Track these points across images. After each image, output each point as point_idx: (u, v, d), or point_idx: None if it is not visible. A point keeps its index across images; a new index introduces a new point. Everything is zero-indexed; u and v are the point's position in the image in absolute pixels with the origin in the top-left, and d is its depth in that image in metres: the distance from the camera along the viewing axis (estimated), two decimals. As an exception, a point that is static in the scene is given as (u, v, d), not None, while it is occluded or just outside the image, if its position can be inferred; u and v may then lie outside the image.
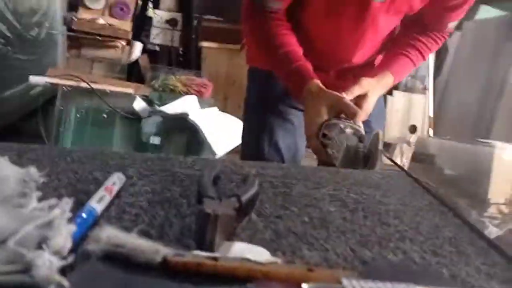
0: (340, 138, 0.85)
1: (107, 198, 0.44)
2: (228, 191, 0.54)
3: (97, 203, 0.42)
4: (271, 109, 1.15)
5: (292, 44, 1.01)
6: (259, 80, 1.19)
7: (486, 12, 3.41)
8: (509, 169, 1.17)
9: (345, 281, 0.32)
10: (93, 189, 0.47)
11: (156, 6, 3.08)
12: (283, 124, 1.14)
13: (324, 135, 0.88)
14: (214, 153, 2.13)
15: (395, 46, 1.10)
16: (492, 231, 0.66)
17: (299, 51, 1.01)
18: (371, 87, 0.98)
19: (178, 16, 2.98)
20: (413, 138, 3.14)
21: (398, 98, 3.32)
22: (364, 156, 0.82)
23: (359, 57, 1.09)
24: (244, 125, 1.23)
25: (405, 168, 0.93)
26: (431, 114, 3.26)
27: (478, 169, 1.07)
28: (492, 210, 0.82)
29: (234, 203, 0.46)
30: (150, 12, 3.22)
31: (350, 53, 1.07)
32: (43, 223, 0.33)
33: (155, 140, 2.29)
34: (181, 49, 3.09)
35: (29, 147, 0.61)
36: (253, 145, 1.18)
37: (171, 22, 2.96)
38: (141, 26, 3.28)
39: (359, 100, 0.98)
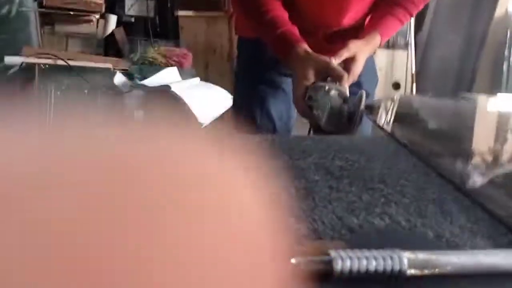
0: (324, 99, 0.87)
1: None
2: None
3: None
4: (261, 78, 1.15)
5: (278, 9, 1.01)
6: (248, 49, 1.18)
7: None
8: (492, 120, 1.20)
9: (332, 253, 0.33)
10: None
11: (128, -24, 2.99)
12: (274, 93, 1.15)
13: (310, 98, 0.90)
14: (200, 123, 2.12)
15: (382, 6, 1.09)
16: (477, 181, 0.68)
17: (285, 15, 1.01)
18: (359, 50, 0.99)
19: (152, -15, 2.90)
20: (397, 95, 3.15)
21: (381, 56, 3.32)
22: (348, 116, 0.85)
23: (347, 20, 1.08)
24: (234, 96, 1.23)
25: (389, 126, 0.94)
26: (413, 70, 3.27)
27: (462, 123, 1.08)
28: (476, 160, 0.84)
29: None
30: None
31: (337, 16, 1.07)
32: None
33: (139, 114, 2.27)
34: (157, 19, 3.02)
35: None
36: (245, 114, 1.18)
37: (146, -9, 2.88)
38: (115, -3, 3.19)
39: (348, 63, 0.99)
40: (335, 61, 0.95)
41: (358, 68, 0.98)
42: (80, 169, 0.12)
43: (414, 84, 3.25)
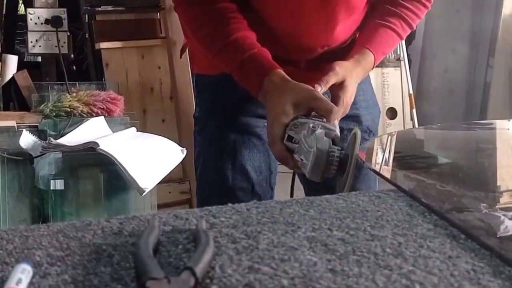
0: (309, 140, 0.86)
1: (14, 307, 0.43)
2: (176, 262, 0.54)
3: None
4: (230, 124, 1.16)
5: (243, 29, 1.03)
6: (210, 88, 1.20)
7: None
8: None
9: None
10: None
11: (29, 4, 3.00)
12: (248, 141, 1.16)
13: (290, 138, 0.90)
14: (141, 190, 2.10)
15: (375, 17, 1.13)
16: (510, 226, 0.69)
17: (253, 37, 1.04)
18: (348, 73, 1.02)
19: (61, 12, 2.92)
20: (393, 125, 3.24)
21: (367, 77, 3.41)
22: (340, 162, 0.83)
23: (335, 37, 1.11)
24: (196, 149, 1.23)
25: (390, 174, 0.96)
26: (411, 91, 3.37)
27: (484, 162, 1.11)
28: (504, 199, 0.86)
29: (187, 280, 0.46)
30: (22, 10, 3.14)
31: (320, 36, 1.10)
32: None
33: (57, 185, 2.23)
34: (72, 56, 3.02)
35: None
36: (212, 173, 1.17)
37: (54, 21, 2.89)
38: (13, 32, 3.19)
39: (335, 91, 1.02)
40: (321, 90, 0.97)
41: (349, 97, 1.01)
42: None
43: (414, 110, 3.34)
